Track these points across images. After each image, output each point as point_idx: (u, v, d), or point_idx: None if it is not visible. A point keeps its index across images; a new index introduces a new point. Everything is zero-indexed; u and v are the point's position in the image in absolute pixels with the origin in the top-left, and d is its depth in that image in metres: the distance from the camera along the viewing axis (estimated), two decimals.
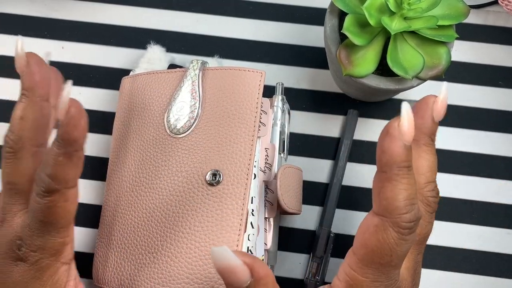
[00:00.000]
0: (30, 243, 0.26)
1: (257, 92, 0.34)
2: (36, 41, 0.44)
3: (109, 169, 0.37)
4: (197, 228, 0.32)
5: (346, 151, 0.40)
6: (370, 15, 0.32)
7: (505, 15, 0.44)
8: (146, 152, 0.35)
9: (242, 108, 0.34)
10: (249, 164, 0.33)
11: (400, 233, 0.24)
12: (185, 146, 0.34)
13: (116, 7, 0.45)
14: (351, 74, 0.33)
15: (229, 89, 0.35)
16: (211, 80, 0.36)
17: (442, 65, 0.33)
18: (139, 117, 0.36)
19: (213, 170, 0.33)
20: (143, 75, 0.38)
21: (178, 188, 0.33)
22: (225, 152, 0.33)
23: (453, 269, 0.39)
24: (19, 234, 0.26)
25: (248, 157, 0.33)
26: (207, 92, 0.35)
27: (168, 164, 0.34)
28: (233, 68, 0.35)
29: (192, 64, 0.36)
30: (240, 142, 0.33)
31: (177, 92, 0.36)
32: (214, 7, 0.44)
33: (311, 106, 0.42)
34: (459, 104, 0.42)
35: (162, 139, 0.35)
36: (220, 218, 0.32)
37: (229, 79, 0.35)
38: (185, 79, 0.36)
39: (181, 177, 0.33)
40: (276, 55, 0.43)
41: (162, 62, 0.40)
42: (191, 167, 0.33)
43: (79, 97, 0.43)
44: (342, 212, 0.40)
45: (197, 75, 0.36)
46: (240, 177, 0.32)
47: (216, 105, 0.35)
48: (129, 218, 0.34)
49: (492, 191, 0.40)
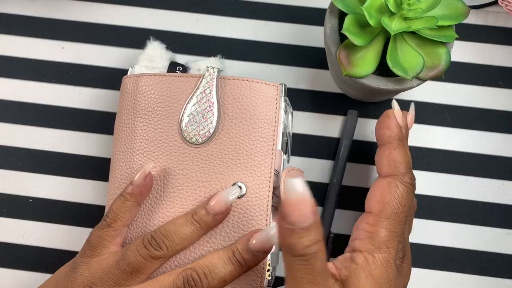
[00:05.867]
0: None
1: (275, 106, 0.35)
2: (36, 41, 0.44)
3: (112, 170, 0.37)
4: (223, 242, 0.33)
5: (346, 151, 0.40)
6: (370, 16, 0.32)
7: (505, 15, 0.44)
8: (158, 158, 0.35)
9: (261, 121, 0.35)
10: (270, 177, 0.34)
11: (407, 187, 0.31)
12: (204, 156, 0.34)
13: (116, 7, 0.45)
14: (351, 74, 0.33)
15: (247, 101, 0.35)
16: (227, 90, 0.36)
17: (442, 66, 0.33)
18: (146, 121, 0.36)
19: (236, 183, 0.34)
20: (149, 76, 0.37)
21: (200, 198, 0.34)
22: (247, 165, 0.34)
23: (454, 269, 0.39)
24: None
25: (269, 170, 0.34)
26: (224, 102, 0.35)
27: (186, 173, 0.34)
28: (250, 80, 0.35)
29: (208, 72, 0.35)
30: (261, 156, 0.34)
31: (191, 99, 0.35)
32: (214, 7, 0.44)
33: (311, 106, 0.42)
34: (459, 104, 0.42)
35: (177, 147, 0.35)
36: (247, 229, 0.33)
37: (245, 91, 0.35)
38: (201, 85, 0.35)
39: (201, 187, 0.34)
40: (276, 55, 0.43)
41: (163, 60, 0.39)
42: (213, 177, 0.34)
43: (79, 97, 0.43)
44: (342, 212, 0.40)
45: (214, 85, 0.35)
46: (263, 190, 0.34)
47: (235, 117, 0.35)
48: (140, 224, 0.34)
49: (492, 191, 0.40)
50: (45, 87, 0.43)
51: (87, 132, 0.42)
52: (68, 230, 0.40)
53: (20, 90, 0.43)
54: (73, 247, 0.40)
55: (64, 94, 0.43)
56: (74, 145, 0.42)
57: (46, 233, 0.40)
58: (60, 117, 0.42)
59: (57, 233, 0.40)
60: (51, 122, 0.42)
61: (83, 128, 0.42)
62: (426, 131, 0.41)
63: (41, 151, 0.42)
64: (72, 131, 0.42)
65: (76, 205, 0.41)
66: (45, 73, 0.43)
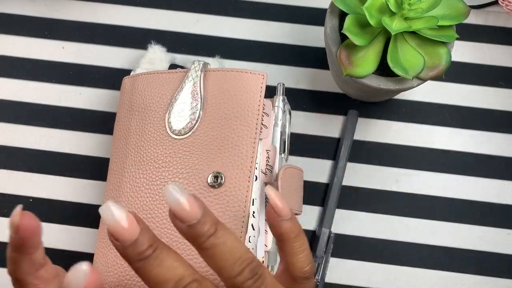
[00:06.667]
0: None
1: (259, 94, 0.34)
2: (36, 41, 0.44)
3: (110, 169, 0.37)
4: None
5: (346, 151, 0.40)
6: (371, 16, 0.32)
7: (505, 15, 0.44)
8: (147, 153, 0.35)
9: (244, 110, 0.34)
10: (251, 166, 0.33)
11: None
12: (187, 147, 0.34)
13: (116, 7, 0.45)
14: (352, 74, 0.33)
15: (231, 91, 0.35)
16: (213, 81, 0.36)
17: (442, 66, 0.33)
18: (140, 117, 0.36)
19: (214, 172, 0.33)
20: (144, 75, 0.37)
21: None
22: (227, 155, 0.33)
23: (454, 269, 0.39)
24: None
25: (250, 159, 0.33)
26: (209, 93, 0.35)
27: (169, 165, 0.34)
28: (235, 70, 0.35)
29: (194, 65, 0.36)
30: (242, 145, 0.33)
31: (178, 93, 0.35)
32: (214, 7, 0.44)
33: (311, 106, 0.42)
34: (459, 104, 0.42)
35: (163, 140, 0.35)
36: (223, 220, 0.32)
37: (231, 81, 0.35)
38: (187, 80, 0.36)
39: (182, 179, 0.33)
40: (276, 55, 0.43)
41: (163, 62, 0.40)
42: (193, 168, 0.33)
43: (79, 97, 0.43)
44: (342, 212, 0.40)
45: (199, 76, 0.35)
46: (242, 179, 0.32)
47: (218, 107, 0.35)
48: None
49: (492, 191, 0.40)
50: (45, 87, 0.43)
51: (87, 132, 0.42)
52: (68, 230, 0.40)
53: (20, 90, 0.43)
54: (73, 247, 0.40)
55: (64, 94, 0.43)
56: (74, 145, 0.42)
57: (46, 233, 0.40)
58: (60, 117, 0.42)
59: (57, 233, 0.40)
60: (51, 122, 0.42)
61: (83, 128, 0.42)
62: (426, 131, 0.41)
63: (41, 151, 0.42)
64: (72, 131, 0.42)
65: (76, 205, 0.41)
66: (45, 73, 0.43)
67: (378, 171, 0.41)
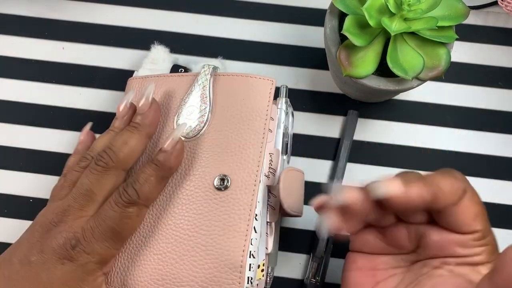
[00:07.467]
0: (86, 245, 0.29)
1: (267, 99, 0.35)
2: (36, 41, 0.44)
3: None
4: (203, 231, 0.32)
5: (346, 151, 0.40)
6: (370, 16, 0.32)
7: (505, 16, 0.44)
8: (154, 153, 0.35)
9: (252, 115, 0.34)
10: (257, 170, 0.33)
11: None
12: (194, 149, 0.34)
13: (116, 7, 0.45)
14: (351, 74, 0.33)
15: (240, 95, 0.35)
16: (222, 85, 0.36)
17: (442, 66, 0.33)
18: None
19: (221, 175, 0.33)
20: (153, 77, 0.37)
21: (186, 191, 0.33)
22: (234, 158, 0.33)
23: None
24: (77, 234, 0.29)
25: (256, 163, 0.33)
26: (218, 97, 0.35)
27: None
28: (244, 75, 0.35)
29: (204, 69, 0.36)
30: (249, 149, 0.33)
31: (187, 96, 0.36)
32: (214, 7, 0.45)
33: (311, 106, 0.42)
34: (459, 104, 0.42)
35: None
36: (228, 223, 0.32)
37: (239, 86, 0.35)
38: (196, 83, 0.36)
39: (188, 180, 0.34)
40: (276, 56, 0.43)
41: (165, 62, 0.40)
42: (199, 171, 0.34)
43: (79, 98, 0.43)
44: None
45: (208, 80, 0.36)
46: (248, 183, 0.33)
47: (226, 111, 0.35)
48: None
49: (492, 191, 0.40)
50: (45, 87, 0.43)
51: None
52: None
53: (20, 90, 0.43)
54: None
55: (64, 94, 0.43)
56: (74, 145, 0.42)
57: None
58: (60, 117, 0.42)
59: None
60: (51, 122, 0.42)
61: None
62: (426, 131, 0.41)
63: (41, 151, 0.42)
64: (72, 131, 0.42)
65: None
66: (45, 74, 0.43)
67: (378, 171, 0.41)
